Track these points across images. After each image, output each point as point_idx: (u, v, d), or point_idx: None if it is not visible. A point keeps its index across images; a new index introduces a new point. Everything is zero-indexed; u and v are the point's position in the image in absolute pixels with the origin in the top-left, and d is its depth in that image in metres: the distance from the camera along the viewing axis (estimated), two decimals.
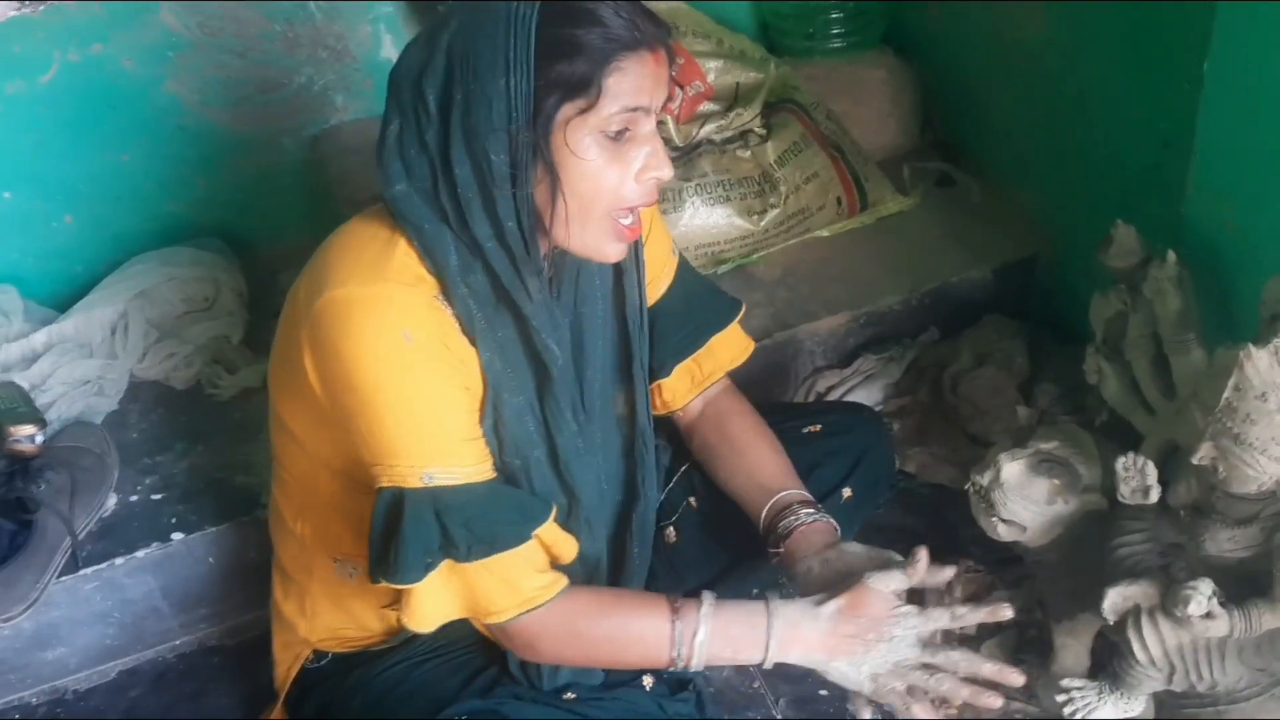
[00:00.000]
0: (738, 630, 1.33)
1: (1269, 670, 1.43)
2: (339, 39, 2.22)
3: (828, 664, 1.33)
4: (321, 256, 1.33)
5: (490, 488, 1.31)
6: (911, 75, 2.44)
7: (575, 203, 1.23)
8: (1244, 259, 1.43)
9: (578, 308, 1.43)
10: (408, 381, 1.24)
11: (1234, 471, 1.27)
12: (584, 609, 1.35)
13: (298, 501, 1.49)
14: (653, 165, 1.25)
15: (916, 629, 1.32)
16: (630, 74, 1.19)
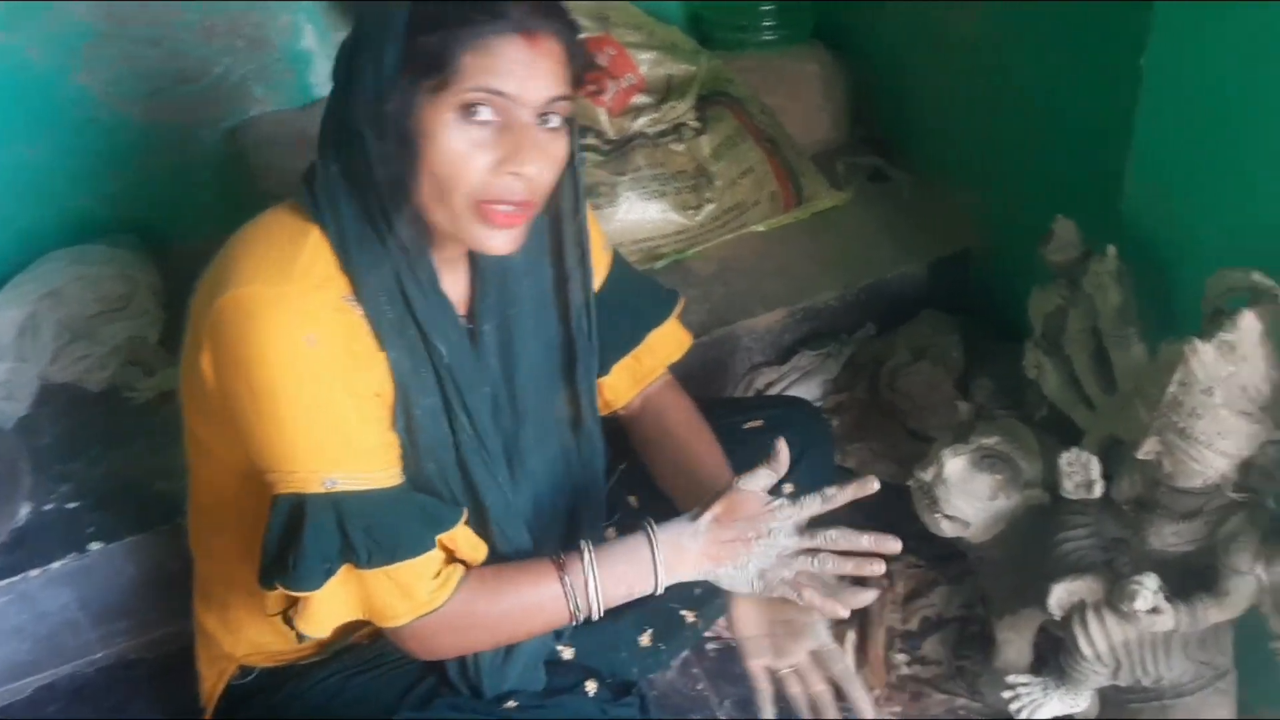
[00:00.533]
0: (624, 567, 1.32)
1: (1212, 664, 1.43)
2: (257, 28, 2.15)
3: (715, 572, 1.33)
4: (228, 250, 1.27)
5: (395, 494, 1.26)
6: (843, 69, 2.43)
7: (433, 185, 1.19)
8: (1183, 253, 1.43)
9: (505, 309, 1.38)
10: (308, 387, 1.20)
11: (1179, 466, 1.27)
12: (477, 593, 1.31)
13: (212, 511, 1.43)
14: (512, 159, 1.17)
15: (792, 518, 1.32)
16: (491, 54, 1.14)
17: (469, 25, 1.14)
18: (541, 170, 1.20)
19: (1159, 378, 1.24)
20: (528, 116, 1.18)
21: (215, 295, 1.21)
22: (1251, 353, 1.19)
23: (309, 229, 1.24)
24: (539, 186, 1.22)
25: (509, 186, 1.19)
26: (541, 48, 1.17)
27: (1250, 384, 1.20)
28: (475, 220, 1.20)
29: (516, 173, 1.18)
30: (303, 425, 1.21)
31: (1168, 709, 1.46)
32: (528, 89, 1.16)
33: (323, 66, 2.24)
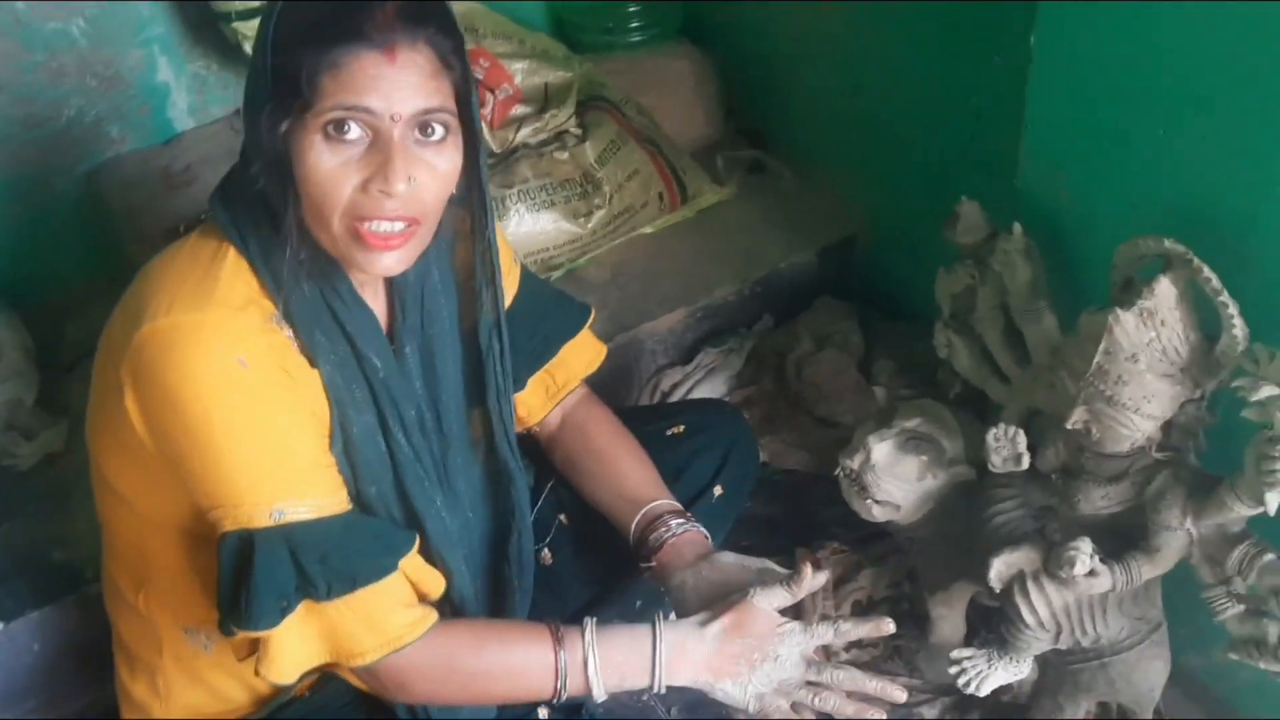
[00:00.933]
0: (623, 656, 1.29)
1: (1146, 618, 1.48)
2: (108, 65, 2.05)
3: (714, 685, 1.31)
4: (138, 286, 1.22)
5: (346, 519, 1.23)
6: (712, 65, 2.44)
7: (311, 207, 1.16)
8: (1080, 226, 1.47)
9: (425, 329, 1.35)
10: (246, 410, 1.16)
11: (1108, 432, 1.30)
12: (459, 643, 1.28)
13: (135, 571, 1.36)
14: (379, 176, 1.12)
15: (800, 646, 1.31)
16: (349, 72, 1.10)
17: (324, 44, 1.10)
18: (418, 185, 1.15)
19: (1082, 349, 1.27)
20: (399, 132, 1.13)
21: (130, 332, 1.16)
22: (1169, 317, 1.23)
23: (224, 249, 1.20)
24: (419, 203, 1.16)
25: (380, 205, 1.14)
26: (403, 60, 1.12)
27: (1170, 347, 1.24)
28: (354, 243, 1.16)
29: (385, 190, 1.13)
30: (243, 453, 1.16)
31: (1107, 666, 1.50)
32: (394, 102, 1.12)
33: (181, 100, 2.16)
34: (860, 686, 1.31)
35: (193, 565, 1.30)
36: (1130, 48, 1.31)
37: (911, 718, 1.76)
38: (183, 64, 2.12)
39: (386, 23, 1.11)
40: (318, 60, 1.10)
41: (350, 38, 1.10)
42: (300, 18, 1.12)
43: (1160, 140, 1.32)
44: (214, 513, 1.18)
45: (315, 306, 1.22)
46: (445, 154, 1.17)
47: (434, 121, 1.15)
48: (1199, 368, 1.26)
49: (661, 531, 1.43)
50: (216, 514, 1.18)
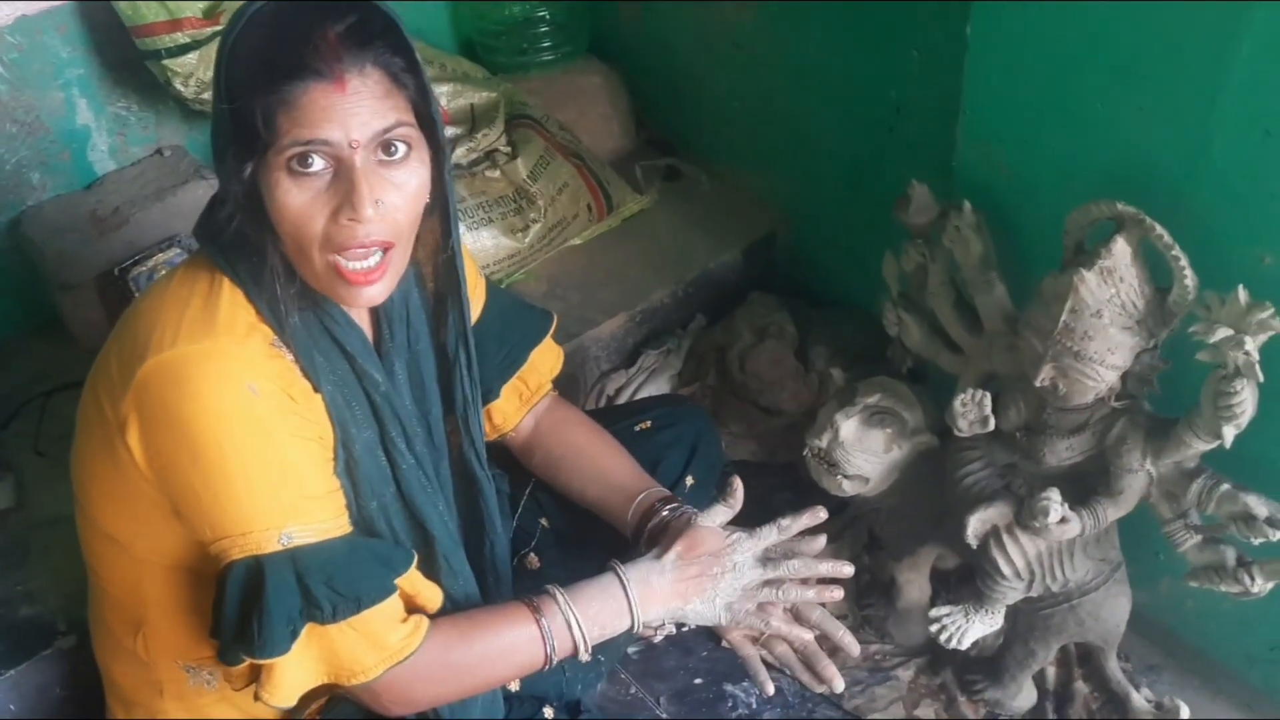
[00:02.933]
0: (598, 607, 1.36)
1: (1108, 559, 1.60)
2: (29, 110, 2.00)
3: (683, 609, 1.39)
4: (132, 323, 1.22)
5: (349, 541, 1.25)
6: (622, 79, 2.52)
7: (290, 242, 1.17)
8: (1019, 199, 1.58)
9: (412, 345, 1.38)
10: (258, 437, 1.17)
11: (1074, 385, 1.41)
12: (450, 640, 1.31)
13: (130, 614, 1.35)
14: (345, 204, 1.13)
15: (751, 550, 1.42)
16: (301, 108, 1.10)
17: (274, 83, 1.10)
18: (387, 206, 1.15)
19: (1047, 310, 1.37)
20: (361, 158, 1.13)
21: (133, 369, 1.16)
22: (1127, 273, 1.34)
23: (219, 280, 1.21)
24: (391, 224, 1.17)
25: (353, 233, 1.14)
26: (353, 86, 1.11)
27: (1129, 301, 1.35)
28: (336, 279, 1.17)
29: (354, 219, 1.13)
30: (254, 481, 1.17)
31: (1076, 608, 1.61)
32: (351, 129, 1.11)
33: (101, 142, 2.12)
34: (813, 570, 1.43)
35: (191, 603, 1.30)
36: (1062, 26, 1.41)
37: (887, 681, 1.84)
38: (102, 106, 2.08)
39: (331, 52, 1.10)
40: (269, 99, 1.10)
41: (298, 73, 1.09)
42: (248, 58, 1.11)
43: (1094, 113, 1.43)
44: (220, 543, 1.18)
45: (312, 330, 1.24)
46: (411, 170, 1.18)
47: (395, 140, 1.15)
48: (1154, 318, 1.37)
49: (662, 517, 1.49)
50: (223, 544, 1.18)
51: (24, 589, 1.76)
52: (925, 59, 1.86)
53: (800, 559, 1.42)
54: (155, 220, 2.04)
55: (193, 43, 1.93)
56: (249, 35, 1.12)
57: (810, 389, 2.14)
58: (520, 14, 2.45)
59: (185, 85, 1.96)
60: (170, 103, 2.09)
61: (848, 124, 2.10)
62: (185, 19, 1.93)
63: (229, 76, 1.13)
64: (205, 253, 1.23)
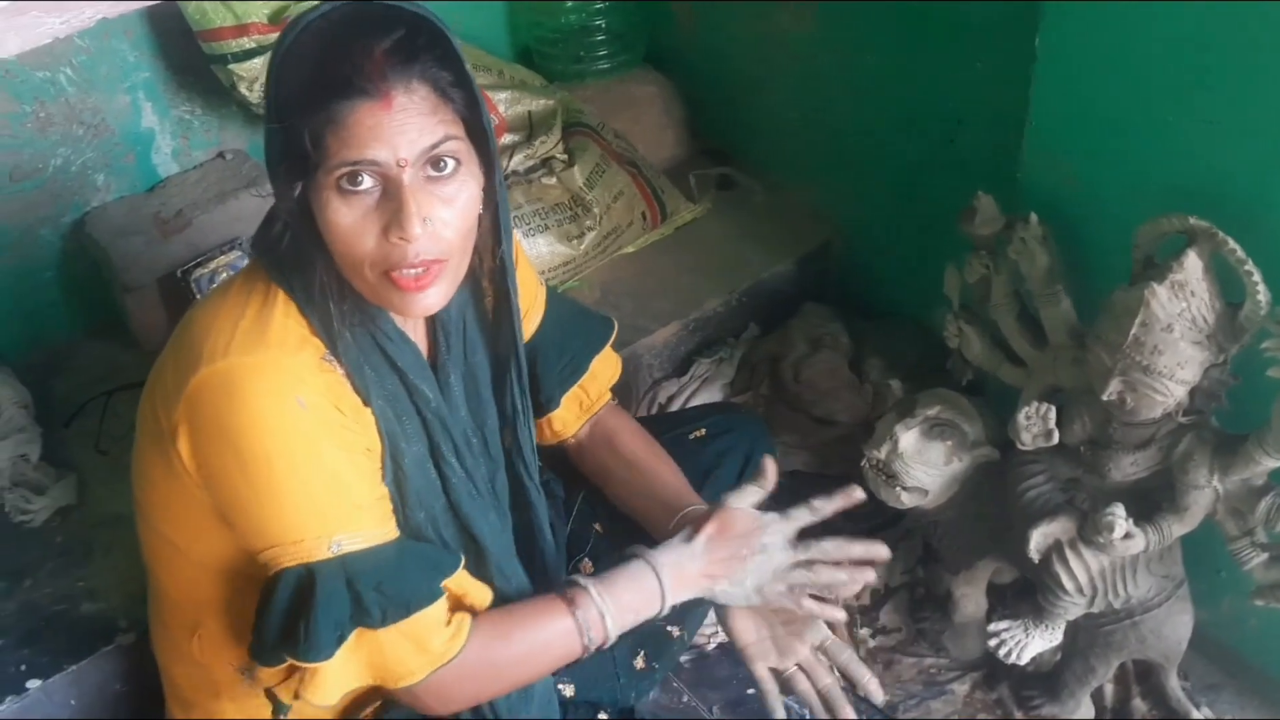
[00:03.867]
0: (631, 595, 1.36)
1: (1171, 575, 1.58)
2: (95, 113, 2.03)
3: (713, 589, 1.39)
4: (188, 331, 1.23)
5: (398, 546, 1.25)
6: (678, 88, 2.52)
7: (341, 259, 1.17)
8: (1085, 212, 1.57)
9: (469, 357, 1.39)
10: (305, 449, 1.18)
11: (1143, 400, 1.40)
12: (489, 639, 1.31)
13: (188, 616, 1.36)
14: (394, 223, 1.12)
15: (783, 532, 1.39)
16: (348, 127, 1.10)
17: (321, 102, 1.10)
18: (436, 223, 1.15)
19: (1117, 323, 1.37)
20: (409, 176, 1.12)
21: (185, 378, 1.17)
22: (1198, 288, 1.33)
23: (274, 293, 1.22)
24: (441, 242, 1.16)
25: (402, 252, 1.14)
26: (399, 104, 1.11)
27: (1199, 315, 1.34)
28: (390, 288, 1.17)
29: (403, 238, 1.13)
30: (304, 491, 1.18)
31: (1138, 624, 1.60)
32: (399, 148, 1.11)
33: (165, 145, 2.14)
34: (847, 552, 1.39)
35: (246, 607, 1.30)
36: (1133, 37, 1.41)
37: (942, 695, 1.83)
38: (167, 109, 2.11)
39: (376, 70, 1.10)
40: (317, 118, 1.10)
41: (344, 92, 1.09)
42: (295, 77, 1.12)
43: (1165, 125, 1.42)
44: (270, 551, 1.19)
45: (364, 345, 1.24)
46: (460, 184, 1.17)
47: (444, 156, 1.15)
48: (1224, 333, 1.36)
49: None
50: (273, 553, 1.19)
51: (86, 585, 1.78)
52: (988, 70, 1.85)
53: (833, 540, 1.39)
54: (217, 223, 2.07)
55: (258, 48, 1.95)
56: (296, 53, 1.12)
57: (865, 400, 2.13)
58: (577, 22, 2.45)
59: (250, 90, 1.98)
60: (233, 107, 2.12)
61: (906, 134, 2.09)
62: (251, 24, 1.95)
63: (278, 95, 1.13)
64: (259, 266, 1.24)
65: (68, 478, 1.91)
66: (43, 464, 1.93)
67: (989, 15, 1.80)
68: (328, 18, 1.12)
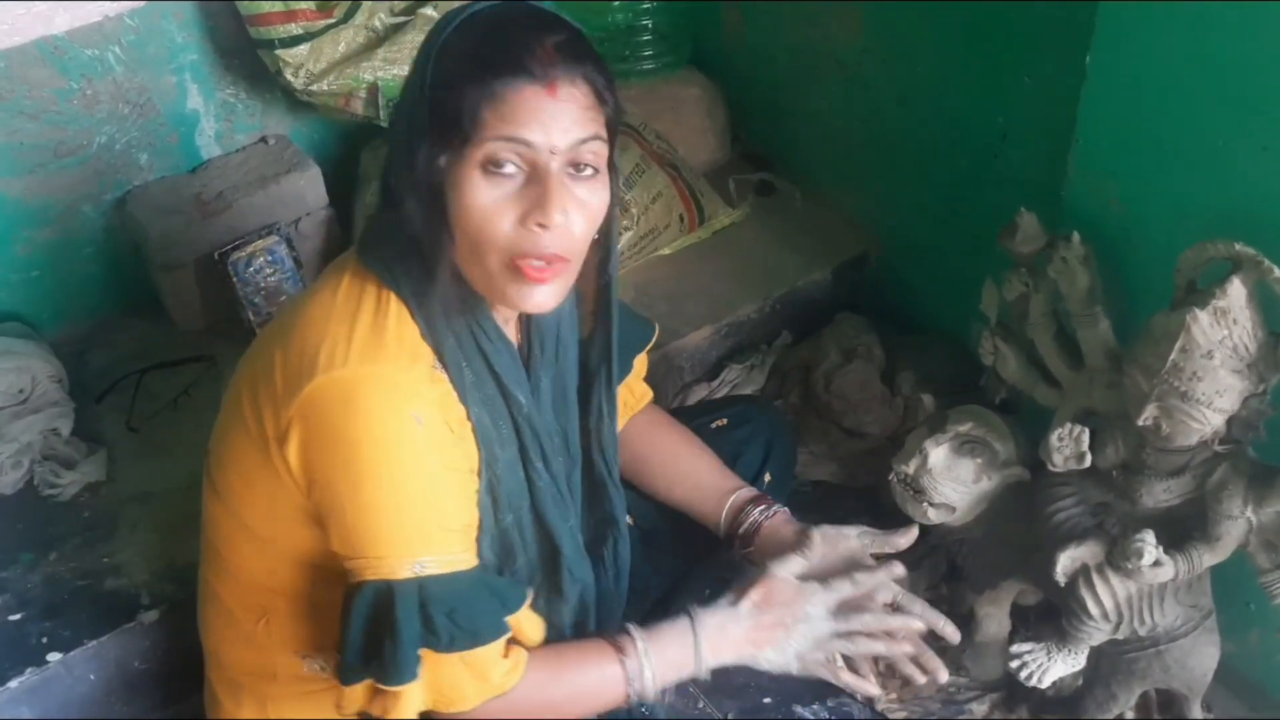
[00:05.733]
0: (674, 651, 1.36)
1: (1199, 605, 1.56)
2: (141, 93, 2.05)
3: (756, 656, 1.39)
4: (302, 328, 1.22)
5: (473, 575, 1.26)
6: (721, 92, 2.51)
7: (466, 243, 1.18)
8: (1129, 233, 1.55)
9: (559, 360, 1.39)
10: (415, 468, 1.19)
11: (1179, 427, 1.37)
12: (542, 677, 1.32)
13: (258, 602, 1.36)
14: (537, 210, 1.14)
15: (825, 602, 1.40)
16: (510, 105, 1.12)
17: (486, 78, 1.12)
18: (571, 220, 1.16)
19: (1156, 348, 1.34)
20: (556, 166, 1.15)
21: (302, 379, 1.17)
22: (1241, 315, 1.31)
23: (386, 296, 1.22)
24: (570, 238, 1.17)
25: (536, 240, 1.15)
26: (563, 94, 1.14)
27: (1241, 344, 1.32)
28: (510, 277, 1.18)
29: (543, 224, 1.14)
30: (402, 510, 1.19)
31: (1163, 653, 1.57)
32: (553, 135, 1.14)
33: (209, 127, 2.16)
34: (884, 625, 1.40)
35: (319, 597, 1.32)
36: (1185, 59, 1.39)
37: (961, 715, 1.81)
38: (212, 91, 2.12)
39: (548, 58, 1.13)
40: (479, 93, 1.12)
41: (512, 71, 1.12)
42: (463, 52, 1.14)
43: (1214, 150, 1.40)
44: (356, 561, 1.20)
45: (465, 345, 1.24)
46: (597, 191, 1.19)
47: (587, 156, 1.16)
48: (1265, 363, 1.34)
49: (754, 518, 1.51)
50: (359, 563, 1.20)
51: (110, 561, 1.79)
52: (1037, 86, 1.84)
53: (873, 614, 1.40)
54: (257, 207, 2.08)
55: (305, 34, 1.96)
56: (465, 32, 1.15)
57: (896, 414, 2.12)
58: (624, 21, 2.45)
59: (295, 76, 1.99)
60: (278, 92, 2.12)
61: (950, 148, 2.07)
62: (300, 10, 1.96)
63: (439, 65, 1.15)
64: (366, 263, 1.24)
65: (98, 453, 1.93)
66: (74, 439, 1.95)
67: (1039, 29, 1.78)
68: (496, 10, 1.16)
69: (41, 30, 1.84)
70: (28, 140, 1.97)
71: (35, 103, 1.95)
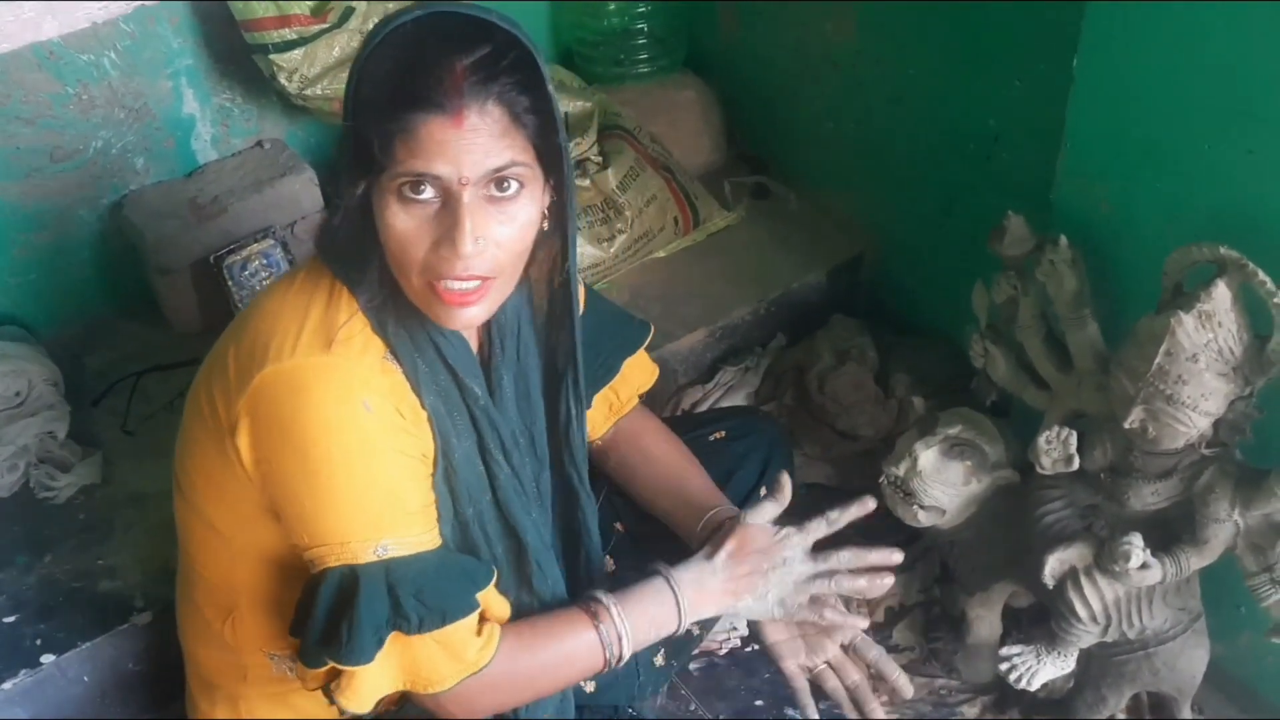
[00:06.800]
0: (653, 610, 1.37)
1: (1187, 608, 1.56)
2: (137, 97, 2.05)
3: (735, 605, 1.40)
4: (253, 324, 1.23)
5: (439, 555, 1.26)
6: (716, 94, 2.52)
7: (394, 262, 1.18)
8: (1117, 236, 1.55)
9: (521, 360, 1.39)
10: (366, 453, 1.19)
11: (1165, 430, 1.38)
12: (516, 650, 1.32)
13: (223, 601, 1.37)
14: (446, 239, 1.13)
15: (801, 545, 1.41)
16: (418, 139, 1.10)
17: (395, 110, 1.10)
18: (489, 244, 1.15)
19: (1141, 351, 1.35)
20: (469, 195, 1.12)
21: (251, 372, 1.18)
22: (1225, 319, 1.31)
23: (338, 290, 1.23)
24: (490, 261, 1.16)
25: (451, 265, 1.14)
26: (471, 123, 1.10)
27: (1226, 347, 1.32)
28: (433, 298, 1.17)
29: (452, 253, 1.13)
30: (358, 495, 1.19)
31: (1151, 656, 1.58)
32: (461, 167, 1.11)
33: (205, 131, 2.17)
34: (863, 560, 1.41)
35: (282, 595, 1.32)
36: (1173, 62, 1.39)
37: (952, 717, 1.82)
38: (208, 96, 2.13)
39: (455, 86, 1.09)
40: (389, 125, 1.10)
41: (419, 104, 1.09)
42: (374, 81, 1.12)
43: (1201, 154, 1.40)
44: (317, 550, 1.20)
45: (418, 341, 1.25)
46: (520, 207, 1.17)
47: (507, 178, 1.14)
48: (1251, 366, 1.34)
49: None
50: (319, 551, 1.20)
51: (105, 564, 1.80)
52: (1027, 89, 1.84)
53: (850, 550, 1.41)
54: (253, 211, 2.09)
55: (299, 39, 1.96)
56: (382, 56, 1.13)
57: (889, 415, 2.12)
58: (619, 25, 2.46)
59: (289, 80, 2.00)
60: (273, 97, 2.13)
61: (943, 150, 2.08)
62: (294, 15, 1.97)
63: (356, 94, 1.14)
64: (321, 260, 1.25)
65: (93, 456, 1.93)
66: (69, 441, 1.95)
67: (1029, 32, 1.78)
68: (418, 22, 1.12)
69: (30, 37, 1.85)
70: (24, 145, 1.98)
71: (31, 107, 1.96)
